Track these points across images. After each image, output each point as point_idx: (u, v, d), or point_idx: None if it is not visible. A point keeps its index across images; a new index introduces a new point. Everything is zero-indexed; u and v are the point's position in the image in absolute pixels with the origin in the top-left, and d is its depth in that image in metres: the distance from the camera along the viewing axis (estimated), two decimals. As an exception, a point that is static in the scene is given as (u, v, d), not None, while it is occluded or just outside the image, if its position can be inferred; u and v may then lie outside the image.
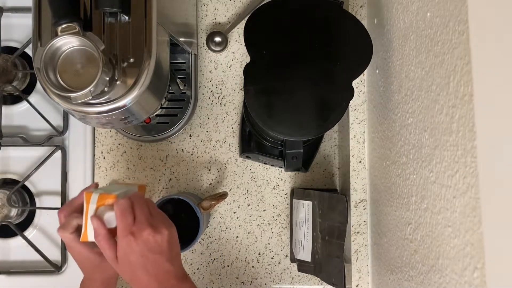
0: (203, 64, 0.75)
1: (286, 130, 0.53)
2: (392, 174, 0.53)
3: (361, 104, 0.64)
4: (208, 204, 0.57)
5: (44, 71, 0.43)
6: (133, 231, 0.46)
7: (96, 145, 0.74)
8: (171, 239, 0.48)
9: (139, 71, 0.49)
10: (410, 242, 0.47)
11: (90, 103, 0.48)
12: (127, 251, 0.46)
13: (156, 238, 0.46)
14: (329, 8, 0.57)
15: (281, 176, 0.74)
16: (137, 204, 0.48)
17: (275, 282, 0.73)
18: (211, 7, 0.75)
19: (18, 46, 0.74)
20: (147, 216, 0.47)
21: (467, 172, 0.33)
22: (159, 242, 0.47)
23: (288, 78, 0.54)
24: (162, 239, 0.47)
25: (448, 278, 0.37)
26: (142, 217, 0.47)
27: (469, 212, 0.32)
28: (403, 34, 0.49)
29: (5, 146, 0.73)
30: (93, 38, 0.44)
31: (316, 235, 0.67)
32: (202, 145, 0.74)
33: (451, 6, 0.35)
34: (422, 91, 0.43)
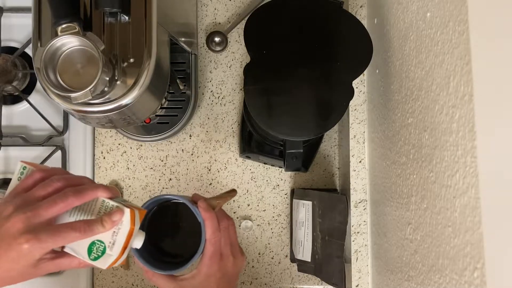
0: (203, 64, 0.75)
1: (286, 130, 0.53)
2: (392, 174, 0.53)
3: (361, 104, 0.64)
4: (214, 203, 0.51)
5: (44, 71, 0.43)
6: (222, 254, 0.49)
7: (96, 145, 0.74)
8: (242, 267, 0.52)
9: (139, 71, 0.48)
10: (410, 242, 0.47)
11: (90, 103, 0.48)
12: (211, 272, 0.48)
13: (235, 264, 0.50)
14: (329, 8, 0.57)
15: (281, 176, 0.74)
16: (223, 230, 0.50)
17: (275, 282, 0.73)
18: (211, 7, 0.75)
19: (18, 46, 0.74)
20: (232, 243, 0.50)
21: (467, 172, 0.33)
22: (237, 270, 0.50)
23: (288, 78, 0.54)
24: (241, 266, 0.51)
25: (448, 278, 0.37)
26: (228, 247, 0.50)
27: (469, 212, 0.32)
28: (403, 34, 0.49)
29: (5, 146, 0.73)
30: (93, 38, 0.44)
31: (316, 235, 0.67)
32: (202, 145, 0.74)
33: (451, 6, 0.35)
34: (422, 91, 0.43)
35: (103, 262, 0.43)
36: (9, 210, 0.40)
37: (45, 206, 0.40)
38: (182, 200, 0.49)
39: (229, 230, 0.50)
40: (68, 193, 0.42)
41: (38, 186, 0.43)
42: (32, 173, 0.44)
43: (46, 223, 0.41)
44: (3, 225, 0.39)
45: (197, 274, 0.48)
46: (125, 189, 0.74)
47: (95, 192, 0.43)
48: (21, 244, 0.39)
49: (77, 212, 0.43)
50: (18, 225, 0.39)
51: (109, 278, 0.73)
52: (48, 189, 0.42)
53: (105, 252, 0.43)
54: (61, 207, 0.41)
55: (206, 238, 0.48)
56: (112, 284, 0.73)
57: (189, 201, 0.49)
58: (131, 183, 0.74)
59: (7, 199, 0.42)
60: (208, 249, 0.47)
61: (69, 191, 0.42)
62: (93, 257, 0.43)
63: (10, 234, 0.39)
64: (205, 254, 0.48)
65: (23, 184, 0.43)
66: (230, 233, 0.50)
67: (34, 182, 0.43)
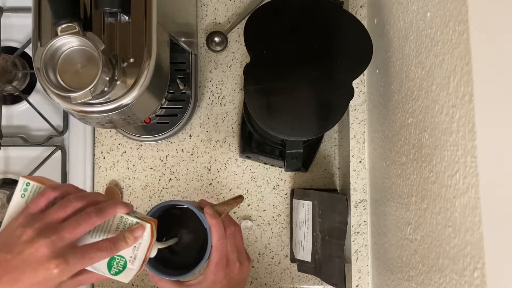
0: (203, 64, 0.75)
1: (286, 130, 0.53)
2: (392, 174, 0.53)
3: (361, 104, 0.64)
4: (221, 209, 0.50)
5: (44, 71, 0.43)
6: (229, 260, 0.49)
7: (96, 145, 0.74)
8: (248, 272, 0.52)
9: (139, 71, 0.48)
10: (410, 242, 0.47)
11: (90, 103, 0.48)
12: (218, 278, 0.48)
13: (241, 270, 0.50)
14: (329, 8, 0.57)
15: (281, 176, 0.74)
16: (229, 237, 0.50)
17: (275, 282, 0.73)
18: (211, 7, 0.75)
19: (18, 46, 0.74)
20: (238, 249, 0.50)
21: (467, 172, 0.33)
22: (243, 276, 0.51)
23: (288, 78, 0.54)
24: (247, 271, 0.51)
25: (448, 278, 0.37)
26: (234, 253, 0.50)
27: (469, 212, 0.32)
28: (403, 34, 0.49)
29: (5, 146, 0.73)
30: (93, 38, 0.44)
31: (316, 235, 0.67)
32: (202, 145, 0.74)
33: (451, 6, 0.35)
34: (422, 91, 0.43)
35: (125, 277, 0.43)
36: (29, 233, 0.39)
37: (69, 229, 0.40)
38: (188, 206, 0.49)
39: (235, 236, 0.50)
40: (90, 213, 0.41)
41: (56, 207, 0.42)
42: (44, 192, 0.43)
43: (71, 246, 0.40)
44: (25, 249, 0.39)
45: (203, 280, 0.48)
46: (125, 189, 0.74)
47: (115, 209, 0.43)
48: (50, 269, 0.38)
49: (98, 231, 0.43)
50: (43, 250, 0.38)
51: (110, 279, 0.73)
52: (67, 209, 0.41)
53: (126, 267, 0.43)
54: (84, 228, 0.41)
55: (212, 245, 0.48)
56: (112, 284, 0.73)
57: (195, 207, 0.49)
58: (131, 183, 0.74)
59: (22, 221, 0.41)
60: (214, 255, 0.47)
61: (91, 211, 0.42)
62: (114, 272, 0.43)
63: (35, 260, 0.38)
64: (211, 260, 0.48)
65: (36, 204, 0.42)
66: (237, 239, 0.50)
67: (48, 202, 0.42)
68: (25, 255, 0.38)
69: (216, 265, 0.47)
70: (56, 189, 0.43)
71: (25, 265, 0.38)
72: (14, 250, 0.39)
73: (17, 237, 0.39)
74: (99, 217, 0.42)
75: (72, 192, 0.44)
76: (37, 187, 0.44)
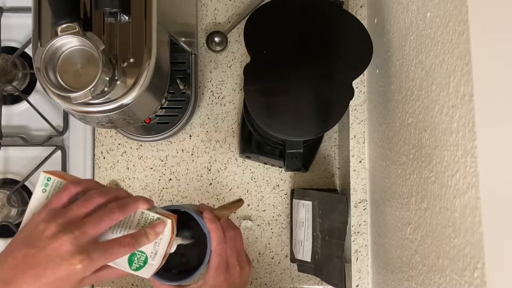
0: (203, 64, 0.75)
1: (286, 130, 0.53)
2: (392, 174, 0.53)
3: (361, 104, 0.64)
4: (220, 213, 0.50)
5: (44, 71, 0.43)
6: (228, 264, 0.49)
7: (96, 145, 0.74)
8: (249, 276, 0.51)
9: (139, 71, 0.48)
10: (410, 242, 0.47)
11: (90, 103, 0.48)
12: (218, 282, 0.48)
13: (242, 274, 0.49)
14: (329, 8, 0.57)
15: (281, 176, 0.74)
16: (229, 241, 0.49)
17: (275, 282, 0.73)
18: (211, 7, 0.75)
19: (18, 46, 0.74)
20: (238, 253, 0.50)
21: (467, 172, 0.33)
22: (244, 279, 0.50)
23: (288, 78, 0.54)
24: (248, 275, 0.51)
25: (448, 278, 0.37)
26: (234, 257, 0.49)
27: (469, 212, 0.32)
28: (403, 34, 0.49)
29: (5, 146, 0.73)
30: (93, 38, 0.44)
31: (316, 235, 0.67)
32: (202, 145, 0.74)
33: (451, 6, 0.35)
34: (422, 91, 0.43)
35: (146, 272, 0.43)
36: (52, 229, 0.39)
37: (92, 224, 0.40)
38: (187, 211, 0.48)
39: (235, 240, 0.50)
40: (113, 209, 0.41)
41: (78, 202, 0.42)
42: (65, 187, 0.43)
43: (94, 241, 0.40)
44: (49, 244, 0.39)
45: (203, 285, 0.48)
46: (125, 189, 0.74)
47: (137, 205, 0.43)
48: (74, 265, 0.38)
49: (119, 226, 0.43)
50: (67, 246, 0.38)
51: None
52: (90, 205, 0.41)
53: (147, 262, 0.43)
54: (107, 223, 0.41)
55: (211, 249, 0.48)
56: (112, 284, 0.73)
57: (194, 212, 0.49)
58: (131, 183, 0.74)
59: (44, 216, 0.41)
60: (214, 260, 0.47)
61: (114, 207, 0.42)
62: (135, 268, 0.43)
63: (59, 255, 0.38)
64: (211, 265, 0.48)
65: (59, 199, 0.42)
66: (237, 243, 0.50)
67: (70, 197, 0.42)
68: (48, 250, 0.38)
69: (216, 269, 0.47)
70: (77, 184, 0.43)
71: (49, 260, 0.38)
72: (37, 245, 0.39)
73: (40, 232, 0.39)
74: (121, 212, 0.42)
75: (94, 187, 0.44)
76: (58, 182, 0.44)
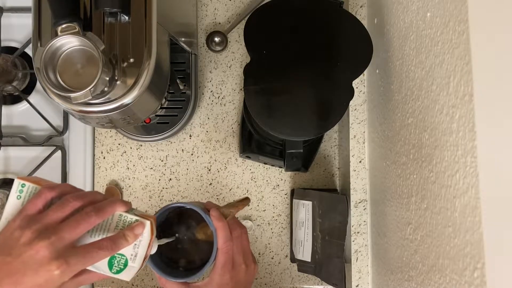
0: (203, 64, 0.75)
1: (286, 130, 0.53)
2: (392, 174, 0.53)
3: (361, 104, 0.64)
4: (227, 211, 0.50)
5: (44, 71, 0.43)
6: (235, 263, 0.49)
7: (96, 145, 0.74)
8: (254, 275, 0.51)
9: (139, 71, 0.49)
10: (410, 242, 0.47)
11: (90, 103, 0.48)
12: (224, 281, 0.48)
13: (248, 273, 0.50)
14: (329, 8, 0.57)
15: (281, 176, 0.74)
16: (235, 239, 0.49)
17: (275, 282, 0.73)
18: (211, 7, 0.75)
19: (18, 46, 0.74)
20: (244, 251, 0.50)
21: (467, 172, 0.33)
22: (249, 278, 0.50)
23: (288, 78, 0.54)
24: (253, 274, 0.51)
25: (448, 278, 0.37)
26: (240, 255, 0.49)
27: (469, 212, 0.32)
28: (403, 34, 0.49)
29: (5, 146, 0.73)
30: (93, 38, 0.44)
31: (316, 235, 0.67)
32: (202, 145, 0.74)
33: (451, 6, 0.35)
34: (422, 91, 0.43)
35: (126, 275, 0.43)
36: (27, 235, 0.39)
37: (68, 229, 0.40)
38: (195, 208, 0.48)
39: (241, 238, 0.50)
40: (90, 212, 0.41)
41: (54, 207, 0.41)
42: (41, 193, 0.42)
43: (71, 246, 0.40)
44: (25, 251, 0.38)
45: (210, 283, 0.48)
46: (125, 189, 0.74)
47: (114, 208, 0.43)
48: (51, 271, 0.38)
49: (97, 230, 0.43)
50: (43, 252, 0.38)
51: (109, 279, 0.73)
52: (65, 210, 0.41)
53: (127, 265, 0.43)
54: (84, 227, 0.41)
55: (218, 247, 0.48)
56: (112, 284, 0.73)
57: (201, 209, 0.48)
58: (131, 183, 0.74)
59: (19, 223, 0.40)
60: (220, 258, 0.47)
61: (90, 211, 0.41)
62: (115, 271, 0.43)
63: (36, 261, 0.38)
64: (217, 262, 0.48)
65: (33, 205, 0.41)
66: (243, 241, 0.50)
67: (45, 203, 0.42)
68: (25, 258, 0.38)
69: (222, 267, 0.47)
70: (52, 189, 0.42)
71: (26, 268, 0.38)
72: (13, 252, 0.38)
73: (16, 240, 0.39)
74: (98, 216, 0.41)
75: (69, 191, 0.43)
76: (33, 188, 0.43)
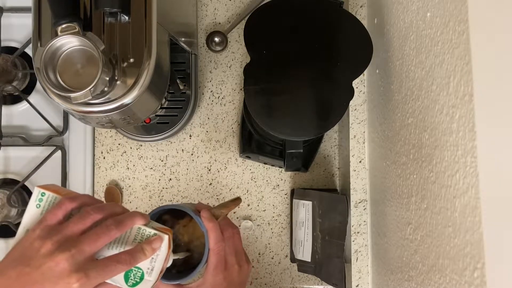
0: (203, 64, 0.75)
1: (286, 130, 0.53)
2: (392, 174, 0.53)
3: (361, 104, 0.64)
4: (218, 212, 0.50)
5: (44, 71, 0.43)
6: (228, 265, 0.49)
7: (96, 145, 0.74)
8: (248, 274, 0.51)
9: (139, 71, 0.48)
10: (410, 242, 0.47)
11: (90, 103, 0.48)
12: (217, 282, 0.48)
13: (241, 273, 0.50)
14: (329, 8, 0.57)
15: (281, 176, 0.74)
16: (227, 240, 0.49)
17: (275, 282, 0.73)
18: (211, 7, 0.75)
19: (18, 46, 0.74)
20: (237, 251, 0.50)
21: (467, 172, 0.33)
22: (243, 278, 0.50)
23: (288, 78, 0.54)
24: (247, 274, 0.51)
25: (448, 278, 0.37)
26: (233, 256, 0.49)
27: (469, 212, 0.32)
28: (403, 34, 0.49)
29: (5, 146, 0.73)
30: (93, 38, 0.44)
31: (316, 235, 0.67)
32: (202, 145, 0.74)
33: (451, 6, 0.35)
34: (422, 91, 0.43)
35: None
36: (48, 246, 0.38)
37: (89, 242, 0.39)
38: (185, 210, 0.48)
39: (234, 238, 0.50)
40: (110, 226, 0.41)
41: (75, 219, 0.41)
42: (61, 203, 0.42)
43: (91, 259, 0.40)
44: (44, 263, 0.38)
45: (203, 284, 0.48)
46: (125, 189, 0.74)
47: (133, 221, 0.43)
48: (71, 284, 0.38)
49: (115, 243, 0.42)
50: (64, 264, 0.38)
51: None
52: (86, 222, 0.41)
53: (143, 278, 0.43)
54: (104, 240, 0.40)
55: (209, 248, 0.48)
56: (112, 284, 0.73)
57: (192, 211, 0.48)
58: (131, 183, 0.74)
59: (40, 233, 0.39)
60: (212, 258, 0.47)
61: (111, 224, 0.41)
62: (131, 284, 0.43)
63: (56, 273, 0.37)
64: (210, 263, 0.48)
65: (54, 215, 0.41)
66: (235, 241, 0.50)
67: (66, 213, 0.41)
68: (44, 269, 0.37)
69: (214, 268, 0.47)
70: (73, 200, 0.42)
71: (45, 279, 0.37)
72: (32, 263, 0.38)
73: (35, 250, 0.38)
74: (118, 229, 0.41)
75: (89, 203, 0.43)
76: (53, 197, 0.43)
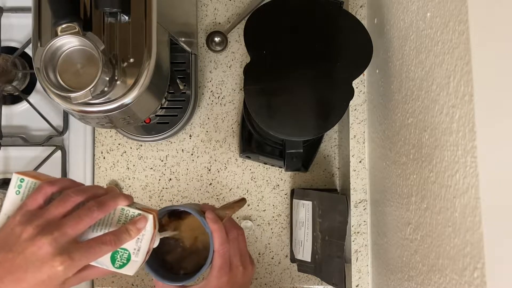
0: (203, 64, 0.75)
1: (286, 130, 0.53)
2: (392, 174, 0.53)
3: (361, 104, 0.64)
4: (223, 213, 0.49)
5: (44, 71, 0.43)
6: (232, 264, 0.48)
7: (96, 145, 0.74)
8: (252, 276, 0.51)
9: (139, 71, 0.49)
10: (410, 242, 0.47)
11: (90, 103, 0.48)
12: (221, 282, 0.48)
13: (245, 274, 0.49)
14: (329, 8, 0.57)
15: (281, 176, 0.74)
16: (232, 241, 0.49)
17: (275, 282, 0.73)
18: (211, 7, 0.75)
19: (18, 46, 0.74)
20: (241, 253, 0.50)
21: (467, 172, 0.33)
22: (246, 280, 0.50)
23: (288, 78, 0.54)
24: (251, 275, 0.50)
25: (448, 278, 0.37)
26: (237, 257, 0.49)
27: (469, 212, 0.32)
28: (403, 34, 0.49)
29: (5, 146, 0.73)
30: (93, 38, 0.44)
31: (316, 235, 0.67)
32: (202, 145, 0.74)
33: (451, 6, 0.35)
34: (422, 91, 0.43)
35: (130, 269, 0.43)
36: (29, 231, 0.38)
37: (71, 224, 0.39)
38: (190, 211, 0.48)
39: (238, 240, 0.50)
40: (92, 207, 0.40)
41: (56, 203, 0.40)
42: (41, 188, 0.41)
43: (74, 241, 0.39)
44: (27, 248, 0.37)
45: (207, 285, 0.48)
46: (125, 189, 0.74)
47: (116, 202, 0.42)
48: (55, 267, 0.37)
49: (99, 225, 0.42)
50: (47, 248, 0.37)
51: (109, 278, 0.73)
52: (67, 205, 0.40)
53: (130, 259, 0.43)
54: (87, 222, 0.40)
55: (214, 250, 0.47)
56: (112, 284, 0.73)
57: (197, 212, 0.48)
58: (131, 183, 0.74)
59: (20, 219, 0.39)
60: (217, 260, 0.47)
61: (92, 205, 0.41)
62: (118, 265, 0.42)
63: (39, 258, 0.37)
64: (214, 265, 0.47)
65: (34, 200, 0.40)
66: (240, 243, 0.50)
67: (46, 198, 0.41)
68: (27, 254, 0.37)
69: (218, 270, 0.47)
70: (53, 184, 0.42)
71: (28, 264, 0.37)
72: (15, 249, 0.38)
73: (17, 236, 0.38)
74: (101, 210, 0.41)
75: (70, 186, 0.43)
76: (32, 183, 0.42)
